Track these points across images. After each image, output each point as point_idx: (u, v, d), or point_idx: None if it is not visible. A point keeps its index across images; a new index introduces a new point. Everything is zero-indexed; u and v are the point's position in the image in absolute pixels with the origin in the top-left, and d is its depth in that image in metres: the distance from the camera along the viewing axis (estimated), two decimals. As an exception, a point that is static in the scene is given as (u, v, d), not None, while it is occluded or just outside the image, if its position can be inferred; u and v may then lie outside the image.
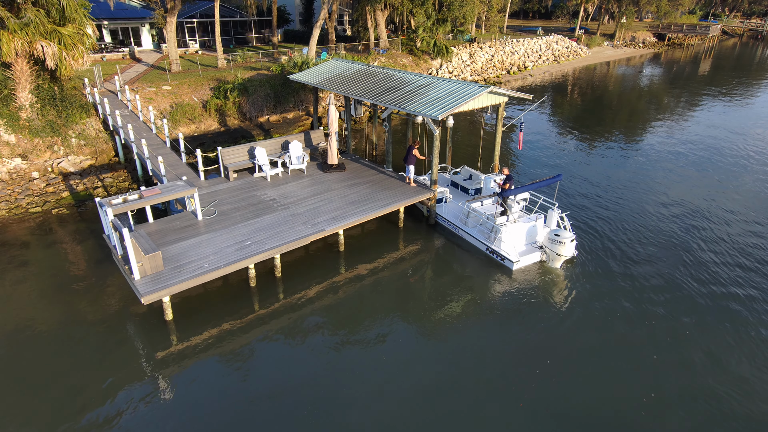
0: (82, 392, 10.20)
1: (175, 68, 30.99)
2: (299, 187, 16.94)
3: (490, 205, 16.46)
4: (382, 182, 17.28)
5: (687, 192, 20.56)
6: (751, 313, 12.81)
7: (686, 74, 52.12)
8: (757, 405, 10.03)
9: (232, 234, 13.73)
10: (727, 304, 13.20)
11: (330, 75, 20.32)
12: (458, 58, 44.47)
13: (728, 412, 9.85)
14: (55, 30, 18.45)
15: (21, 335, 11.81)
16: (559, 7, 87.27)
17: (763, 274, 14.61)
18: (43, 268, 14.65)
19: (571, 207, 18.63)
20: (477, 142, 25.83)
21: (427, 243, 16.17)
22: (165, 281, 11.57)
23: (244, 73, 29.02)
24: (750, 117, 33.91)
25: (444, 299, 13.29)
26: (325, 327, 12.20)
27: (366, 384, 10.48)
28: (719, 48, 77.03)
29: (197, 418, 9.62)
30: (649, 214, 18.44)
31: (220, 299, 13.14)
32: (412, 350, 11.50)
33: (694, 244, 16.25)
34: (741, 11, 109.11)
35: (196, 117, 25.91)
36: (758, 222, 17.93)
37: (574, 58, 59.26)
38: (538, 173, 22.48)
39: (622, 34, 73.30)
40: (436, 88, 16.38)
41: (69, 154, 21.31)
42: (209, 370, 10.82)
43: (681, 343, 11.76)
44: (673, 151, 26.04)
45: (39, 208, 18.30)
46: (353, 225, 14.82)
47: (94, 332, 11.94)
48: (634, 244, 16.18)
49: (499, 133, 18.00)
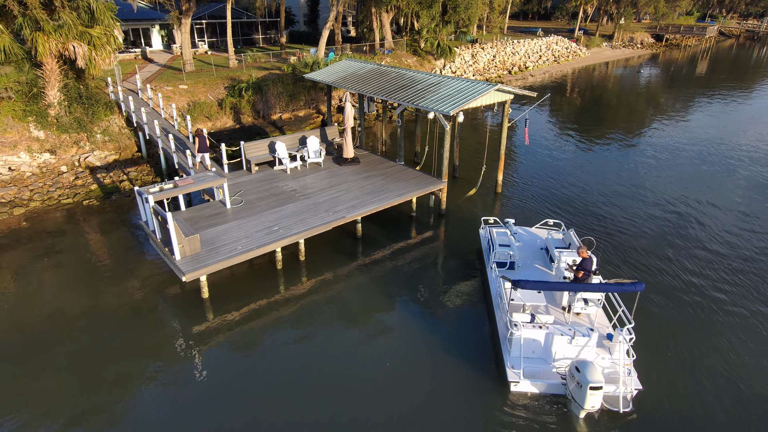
0: (130, 364, 11.30)
1: (188, 68, 32.06)
2: (318, 179, 18.05)
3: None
4: (395, 174, 18.40)
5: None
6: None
7: (684, 75, 53.31)
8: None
9: (260, 220, 14.83)
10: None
11: (344, 74, 21.44)
12: (461, 58, 45.62)
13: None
14: (86, 32, 19.53)
15: (70, 315, 12.90)
16: (558, 8, 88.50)
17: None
18: (80, 254, 15.73)
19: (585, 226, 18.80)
20: (480, 140, 26.95)
21: (436, 231, 17.29)
22: (203, 261, 12.66)
23: (257, 73, 30.13)
24: (747, 117, 35.09)
25: (455, 283, 14.41)
26: (344, 306, 13.32)
27: (374, 359, 11.61)
28: (716, 49, 78.29)
29: (231, 383, 10.74)
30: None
31: (251, 280, 14.26)
32: (416, 328, 12.64)
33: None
34: (738, 12, 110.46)
35: (213, 114, 27.00)
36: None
37: (574, 58, 60.44)
38: (541, 173, 23.59)
39: (620, 35, 74.55)
40: (446, 86, 17.49)
41: (95, 150, 22.39)
42: (241, 342, 11.91)
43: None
44: (673, 151, 27.20)
45: (70, 200, 19.38)
46: (371, 213, 15.91)
47: (134, 310, 13.03)
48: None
49: (504, 129, 19.13)
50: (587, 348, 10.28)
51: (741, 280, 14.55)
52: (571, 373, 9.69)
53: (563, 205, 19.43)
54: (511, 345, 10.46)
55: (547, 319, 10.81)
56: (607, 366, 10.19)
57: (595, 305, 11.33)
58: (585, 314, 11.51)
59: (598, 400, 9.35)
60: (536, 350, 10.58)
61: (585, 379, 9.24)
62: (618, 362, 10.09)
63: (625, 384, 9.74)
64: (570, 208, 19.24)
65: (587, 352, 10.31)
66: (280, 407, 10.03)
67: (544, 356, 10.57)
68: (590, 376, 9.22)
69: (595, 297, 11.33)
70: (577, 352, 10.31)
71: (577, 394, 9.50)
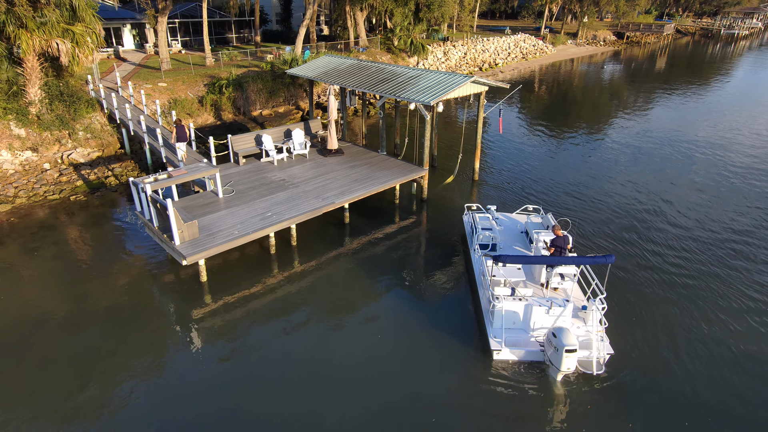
0: (136, 343, 11.86)
1: (165, 66, 32.17)
2: (304, 170, 18.77)
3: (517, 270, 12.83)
4: (379, 163, 19.28)
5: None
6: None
7: (644, 71, 55.95)
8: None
9: (253, 208, 15.49)
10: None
11: (326, 69, 22.20)
12: (433, 55, 46.85)
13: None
14: (69, 29, 19.71)
15: (72, 304, 13.31)
16: (524, 7, 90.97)
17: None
18: (73, 247, 16.05)
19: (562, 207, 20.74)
20: (455, 134, 28.09)
21: (419, 217, 18.26)
22: (202, 245, 13.27)
23: (236, 70, 30.53)
24: (703, 109, 37.41)
25: (438, 267, 15.40)
26: (335, 288, 14.13)
27: (365, 335, 12.49)
28: (673, 46, 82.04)
29: (232, 360, 11.44)
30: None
31: (246, 266, 14.91)
32: (399, 311, 13.57)
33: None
34: (692, 11, 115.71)
35: (194, 111, 27.33)
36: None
37: (541, 55, 62.56)
38: (515, 161, 24.87)
39: (584, 33, 77.38)
40: (425, 79, 18.48)
41: (77, 147, 22.49)
42: (241, 323, 12.56)
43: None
44: (636, 139, 28.96)
45: (57, 196, 19.53)
46: (358, 199, 16.75)
47: (133, 298, 13.52)
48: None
49: (480, 118, 20.27)
50: (563, 317, 11.19)
51: (700, 251, 16.01)
52: (549, 339, 10.55)
53: (537, 191, 20.69)
54: (493, 317, 11.34)
55: (526, 291, 11.62)
56: (581, 334, 11.09)
57: (571, 280, 12.38)
58: (561, 289, 12.43)
59: (574, 363, 10.13)
60: (516, 321, 11.46)
61: (561, 343, 10.04)
62: (591, 330, 10.95)
63: (598, 349, 10.62)
64: (543, 193, 20.51)
65: (563, 321, 11.20)
66: (279, 385, 10.63)
67: (524, 326, 11.46)
68: (566, 340, 10.03)
69: (570, 272, 12.31)
70: (554, 321, 11.22)
71: (554, 357, 10.31)
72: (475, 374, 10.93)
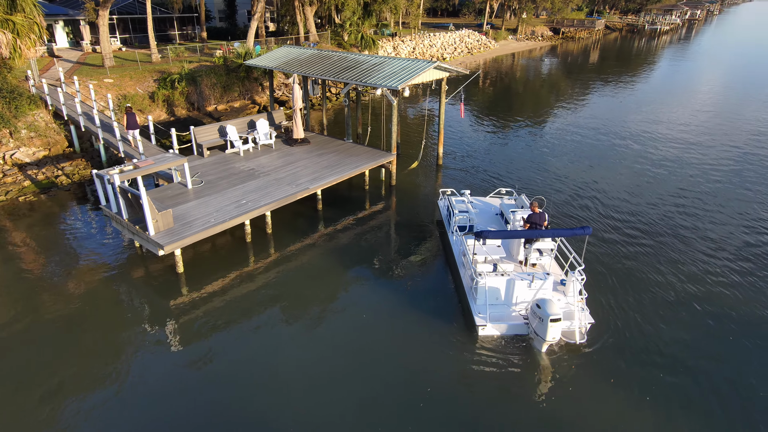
0: (114, 341, 11.44)
1: (108, 63, 30.63)
2: (272, 159, 18.61)
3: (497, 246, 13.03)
4: (347, 151, 19.42)
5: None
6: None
7: (579, 63, 59.13)
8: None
9: (226, 197, 15.23)
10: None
11: (287, 59, 22.05)
12: (383, 50, 47.32)
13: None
14: (9, 19, 18.47)
15: (42, 305, 12.60)
16: (465, 5, 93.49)
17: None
18: (30, 248, 15.14)
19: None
20: (417, 121, 28.65)
21: (389, 202, 18.58)
22: (179, 234, 12.94)
23: (188, 66, 29.59)
24: (633, 98, 40.12)
25: (411, 250, 15.78)
26: (313, 274, 14.17)
27: (348, 318, 12.69)
28: (604, 41, 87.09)
29: (211, 350, 11.30)
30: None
31: (222, 255, 14.64)
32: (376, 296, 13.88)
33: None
34: (618, 8, 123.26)
35: (145, 107, 26.26)
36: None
37: (485, 50, 64.63)
38: (474, 147, 25.73)
39: (523, 28, 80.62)
40: (389, 65, 18.81)
41: (20, 146, 21.08)
42: (219, 313, 12.32)
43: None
44: (576, 125, 30.68)
45: (3, 197, 18.28)
46: (332, 184, 16.84)
47: (107, 295, 12.98)
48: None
49: (443, 104, 20.86)
50: (544, 290, 11.53)
51: (655, 221, 17.32)
52: (533, 310, 10.71)
53: (499, 174, 21.55)
54: (477, 293, 11.51)
55: (507, 267, 12.02)
56: (562, 306, 11.39)
57: (549, 255, 12.68)
58: (540, 264, 12.70)
59: (558, 332, 10.32)
60: (499, 297, 11.66)
61: (546, 312, 10.22)
62: (572, 301, 11.31)
63: (579, 319, 10.95)
64: (504, 175, 21.39)
65: (544, 294, 11.53)
66: (266, 376, 10.40)
67: (507, 301, 11.67)
68: (550, 310, 10.23)
69: (548, 247, 12.59)
70: (535, 294, 11.54)
71: (539, 328, 10.49)
72: (462, 350, 11.05)
